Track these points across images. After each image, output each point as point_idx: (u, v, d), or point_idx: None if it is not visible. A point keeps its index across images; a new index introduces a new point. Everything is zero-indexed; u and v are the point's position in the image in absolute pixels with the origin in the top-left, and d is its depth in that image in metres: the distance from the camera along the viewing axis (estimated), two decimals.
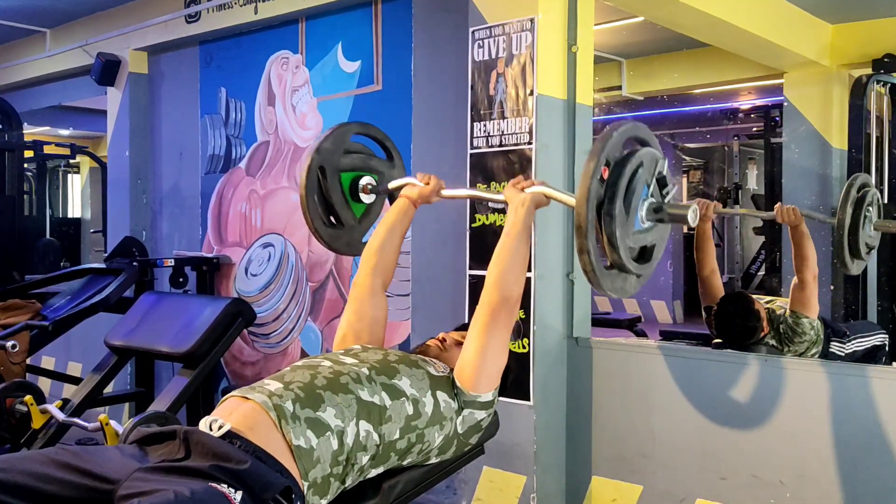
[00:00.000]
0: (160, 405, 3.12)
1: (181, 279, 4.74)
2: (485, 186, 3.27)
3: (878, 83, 4.88)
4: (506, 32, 3.21)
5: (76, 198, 11.45)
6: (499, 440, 2.29)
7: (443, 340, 2.11)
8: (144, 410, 2.96)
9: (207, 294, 4.73)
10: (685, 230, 9.76)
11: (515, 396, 3.10)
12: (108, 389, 4.08)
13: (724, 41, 4.72)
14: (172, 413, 3.01)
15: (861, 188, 3.20)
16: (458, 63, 3.50)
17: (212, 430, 1.58)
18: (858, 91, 4.78)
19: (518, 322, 3.10)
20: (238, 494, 1.46)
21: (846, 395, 2.66)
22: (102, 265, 4.50)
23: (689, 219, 1.78)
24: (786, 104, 5.37)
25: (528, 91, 3.13)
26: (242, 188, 4.79)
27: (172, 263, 4.73)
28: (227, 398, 1.72)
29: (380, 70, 4.06)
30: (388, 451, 1.75)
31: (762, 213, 4.86)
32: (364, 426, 1.70)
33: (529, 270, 3.12)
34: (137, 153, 5.39)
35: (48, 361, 5.69)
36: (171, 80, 5.28)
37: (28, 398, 2.88)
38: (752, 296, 3.68)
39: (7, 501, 1.44)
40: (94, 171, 10.47)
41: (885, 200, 4.91)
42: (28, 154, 7.76)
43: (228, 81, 4.86)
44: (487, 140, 3.26)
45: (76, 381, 4.23)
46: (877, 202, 3.31)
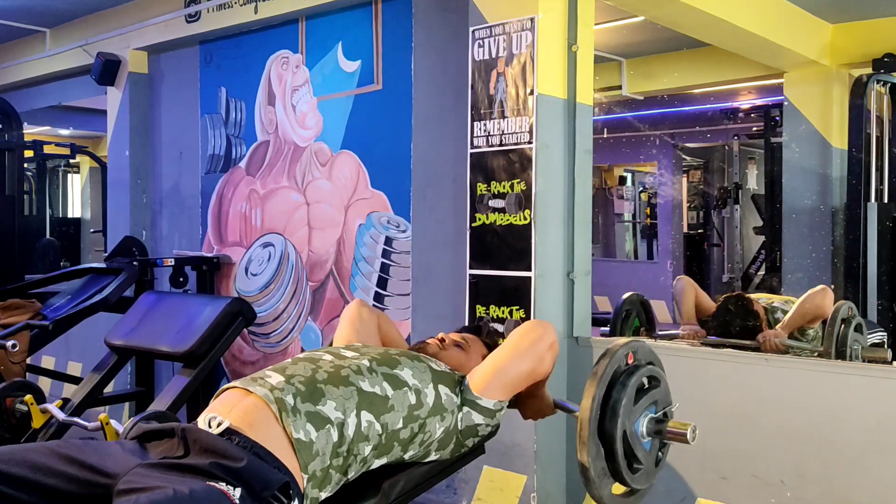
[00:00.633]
0: (160, 404, 3.12)
1: (181, 279, 4.74)
2: (484, 185, 3.27)
3: (878, 83, 4.89)
4: (506, 32, 3.21)
5: (76, 198, 11.44)
6: (499, 440, 2.28)
7: (442, 340, 2.12)
8: (144, 410, 2.95)
9: (207, 294, 4.73)
10: (685, 230, 9.78)
11: None
12: (109, 389, 4.09)
13: (725, 41, 4.72)
14: (172, 412, 3.01)
15: (845, 320, 3.26)
16: (459, 62, 3.50)
17: (210, 428, 1.58)
18: (858, 91, 4.78)
19: (518, 322, 3.10)
20: (237, 491, 1.46)
21: (847, 395, 2.66)
22: (102, 265, 4.49)
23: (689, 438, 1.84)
24: (786, 104, 5.37)
25: (529, 90, 3.13)
26: (242, 188, 4.79)
27: (172, 263, 4.72)
28: (227, 389, 1.71)
29: (380, 69, 4.06)
30: (392, 441, 1.75)
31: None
32: (366, 416, 1.69)
33: (529, 270, 3.13)
34: (137, 153, 5.38)
35: (48, 361, 5.69)
36: (171, 80, 5.28)
37: (28, 398, 2.87)
38: (752, 296, 3.69)
39: (7, 492, 1.45)
40: (94, 171, 10.46)
41: (886, 200, 4.92)
42: (28, 154, 7.77)
43: (228, 81, 4.86)
44: (488, 139, 3.26)
45: (76, 381, 4.23)
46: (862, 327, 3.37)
